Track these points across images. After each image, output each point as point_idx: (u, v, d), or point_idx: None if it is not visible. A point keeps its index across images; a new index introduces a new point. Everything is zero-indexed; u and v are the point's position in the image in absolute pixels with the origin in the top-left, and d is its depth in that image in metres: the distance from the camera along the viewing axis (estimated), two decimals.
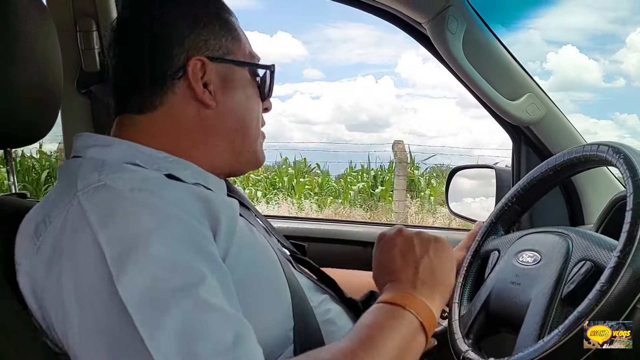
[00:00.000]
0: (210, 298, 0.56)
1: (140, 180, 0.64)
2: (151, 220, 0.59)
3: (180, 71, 0.74)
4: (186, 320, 0.53)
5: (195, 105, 0.76)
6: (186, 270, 0.57)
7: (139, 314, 0.53)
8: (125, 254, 0.56)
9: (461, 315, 0.96)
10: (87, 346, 0.56)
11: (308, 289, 0.78)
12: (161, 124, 0.75)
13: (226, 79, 0.78)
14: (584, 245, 0.82)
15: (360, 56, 25.17)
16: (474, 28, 1.24)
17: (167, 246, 0.57)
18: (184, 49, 0.75)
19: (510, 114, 1.32)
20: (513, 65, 1.31)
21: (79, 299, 0.56)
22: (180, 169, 0.73)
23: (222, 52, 0.78)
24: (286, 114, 14.98)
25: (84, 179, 0.64)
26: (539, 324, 0.77)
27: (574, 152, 0.90)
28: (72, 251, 0.58)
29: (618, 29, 25.71)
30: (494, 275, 0.95)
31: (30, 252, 0.62)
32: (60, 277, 0.58)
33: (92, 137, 0.74)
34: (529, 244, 0.92)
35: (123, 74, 0.77)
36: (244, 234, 0.71)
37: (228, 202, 0.72)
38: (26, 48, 0.74)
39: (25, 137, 0.82)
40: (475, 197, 1.61)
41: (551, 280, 0.81)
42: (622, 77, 20.59)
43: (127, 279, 0.54)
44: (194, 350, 0.52)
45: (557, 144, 1.36)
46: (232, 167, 0.82)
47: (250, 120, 0.81)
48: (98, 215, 0.59)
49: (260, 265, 0.71)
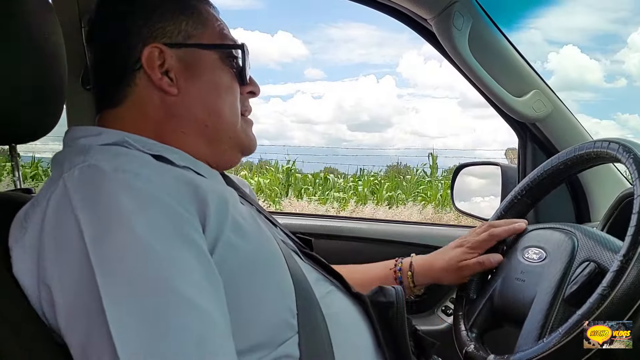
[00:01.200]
0: (184, 289, 0.55)
1: (126, 161, 0.64)
2: (132, 203, 0.58)
3: (138, 62, 0.75)
4: (154, 309, 0.54)
5: (159, 94, 0.76)
6: (162, 256, 0.56)
7: (109, 298, 0.53)
8: (102, 235, 0.56)
9: (466, 309, 0.96)
10: (68, 326, 0.57)
11: (315, 281, 0.77)
12: (131, 115, 0.76)
13: (189, 64, 0.77)
14: (589, 245, 0.82)
15: (362, 56, 25.14)
16: (480, 24, 1.24)
17: (144, 230, 0.57)
18: (140, 39, 0.75)
19: (516, 110, 1.31)
20: (519, 62, 1.30)
21: (61, 280, 0.57)
22: (170, 153, 0.72)
23: (182, 37, 0.77)
24: (287, 113, 14.98)
25: (69, 162, 0.65)
26: (540, 323, 0.78)
27: (585, 147, 0.90)
28: (55, 231, 0.59)
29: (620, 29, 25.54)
30: (500, 269, 0.95)
31: (19, 236, 0.62)
32: (45, 258, 0.59)
33: (83, 128, 0.75)
34: (535, 240, 0.92)
35: (95, 71, 0.80)
36: (245, 220, 0.70)
37: (219, 188, 0.72)
38: (31, 44, 0.74)
39: (30, 133, 0.82)
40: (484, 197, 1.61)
41: (555, 280, 0.81)
42: (624, 77, 20.46)
43: (102, 261, 0.55)
44: (157, 342, 0.52)
45: (563, 140, 1.35)
46: (215, 155, 0.80)
47: (222, 104, 0.79)
48: (80, 195, 0.59)
49: (260, 252, 0.70)
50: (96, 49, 0.79)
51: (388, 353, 0.78)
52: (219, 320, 0.58)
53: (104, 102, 0.78)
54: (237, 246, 0.66)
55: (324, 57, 23.94)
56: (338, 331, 0.73)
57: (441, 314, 1.51)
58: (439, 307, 1.53)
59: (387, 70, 26.43)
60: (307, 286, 0.74)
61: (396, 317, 0.81)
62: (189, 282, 0.57)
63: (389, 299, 0.83)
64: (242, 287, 0.65)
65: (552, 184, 1.01)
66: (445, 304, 1.52)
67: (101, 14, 0.80)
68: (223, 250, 0.64)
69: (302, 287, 0.72)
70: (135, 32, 0.75)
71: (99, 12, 0.80)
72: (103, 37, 0.78)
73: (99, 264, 0.55)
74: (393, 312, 0.81)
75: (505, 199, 1.06)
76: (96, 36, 0.80)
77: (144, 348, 0.52)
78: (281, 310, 0.69)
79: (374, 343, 0.79)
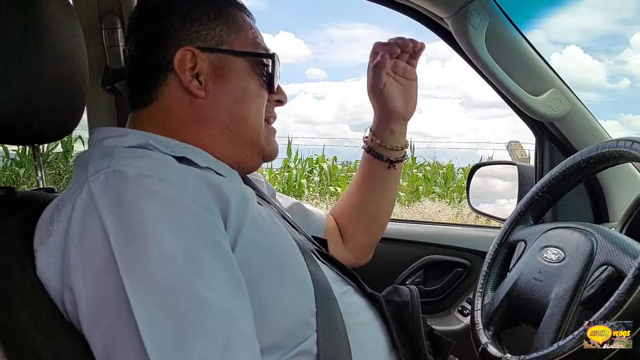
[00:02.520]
0: (209, 293, 0.57)
1: (150, 166, 0.65)
2: (156, 208, 0.59)
3: (171, 63, 0.76)
4: (180, 313, 0.55)
5: (187, 96, 0.78)
6: (187, 260, 0.58)
7: (136, 301, 0.54)
8: (129, 240, 0.57)
9: (484, 305, 0.96)
10: (90, 328, 0.58)
11: (331, 280, 0.78)
12: (159, 115, 0.78)
13: (220, 69, 0.78)
14: (609, 248, 0.81)
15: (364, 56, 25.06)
16: (497, 23, 1.23)
17: (169, 234, 0.58)
18: (175, 41, 0.77)
19: (534, 109, 1.30)
20: (537, 60, 1.29)
21: (85, 282, 0.58)
22: (192, 153, 0.74)
23: (215, 43, 0.78)
24: (290, 114, 14.93)
25: (94, 165, 0.66)
26: (556, 326, 0.77)
27: (607, 146, 0.89)
28: (81, 235, 0.60)
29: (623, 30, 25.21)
30: (518, 267, 0.95)
31: (45, 239, 0.63)
32: (69, 261, 0.60)
33: (108, 129, 0.77)
34: (554, 240, 0.92)
35: (130, 70, 0.82)
36: (264, 220, 0.71)
37: (239, 187, 0.73)
38: (53, 46, 0.75)
39: (52, 134, 0.83)
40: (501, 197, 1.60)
41: (572, 282, 0.80)
42: (627, 78, 20.18)
43: (128, 266, 0.56)
44: (184, 346, 0.53)
45: (581, 140, 1.34)
46: (237, 159, 0.82)
47: (248, 111, 0.81)
48: (105, 201, 0.60)
49: (280, 251, 0.71)
50: (132, 47, 0.81)
51: (404, 352, 0.78)
52: (244, 322, 0.59)
53: (136, 101, 0.80)
54: (257, 244, 0.67)
55: (326, 58, 23.97)
56: (354, 330, 0.74)
57: (458, 315, 1.50)
58: (456, 308, 1.52)
59: None
60: (326, 285, 0.75)
61: (411, 317, 0.81)
62: (214, 285, 0.58)
63: (404, 299, 0.83)
64: (263, 286, 0.66)
65: (574, 181, 1.00)
66: (462, 304, 1.51)
67: (140, 13, 0.82)
68: (243, 250, 0.65)
69: (321, 286, 0.73)
70: (171, 34, 0.77)
71: (138, 10, 0.82)
72: (140, 35, 0.80)
73: (125, 268, 0.56)
74: (408, 311, 0.82)
75: (526, 195, 1.05)
76: (134, 34, 0.81)
77: (171, 350, 0.53)
78: (301, 309, 0.69)
79: (389, 342, 0.79)
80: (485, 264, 1.02)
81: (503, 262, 1.02)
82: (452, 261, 1.49)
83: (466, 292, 1.50)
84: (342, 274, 0.84)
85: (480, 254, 1.14)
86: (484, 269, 1.02)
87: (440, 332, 0.88)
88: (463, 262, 1.50)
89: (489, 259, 1.02)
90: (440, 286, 1.52)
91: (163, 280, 0.56)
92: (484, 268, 1.02)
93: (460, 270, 1.50)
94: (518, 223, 1.04)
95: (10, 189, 0.74)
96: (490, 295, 0.98)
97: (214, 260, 0.60)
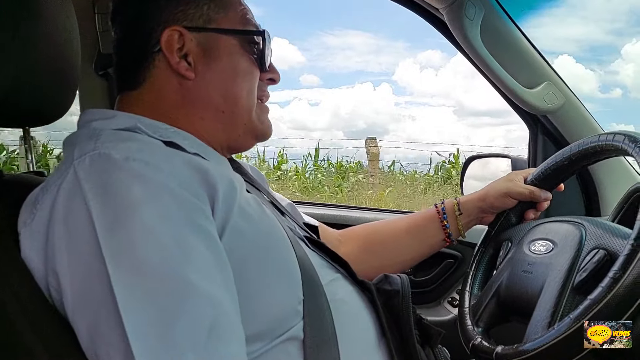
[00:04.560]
0: (194, 277, 0.56)
1: (136, 149, 0.64)
2: (142, 192, 0.59)
3: (158, 44, 0.75)
4: (165, 297, 0.54)
5: (177, 77, 0.76)
6: (173, 245, 0.57)
7: (121, 286, 0.54)
8: (113, 224, 0.56)
9: (471, 304, 0.96)
10: (75, 312, 0.58)
11: (320, 267, 0.78)
12: (148, 98, 0.77)
13: (208, 48, 0.77)
14: (598, 233, 0.81)
15: (359, 64, 25.06)
16: (492, 14, 1.23)
17: (155, 219, 0.57)
18: (162, 21, 0.75)
19: (528, 102, 1.31)
20: (531, 53, 1.29)
21: (70, 267, 0.57)
22: (181, 138, 0.73)
23: (202, 21, 0.77)
24: (284, 120, 14.81)
25: (80, 148, 0.65)
26: (550, 312, 0.77)
27: (589, 142, 0.90)
28: (66, 219, 0.59)
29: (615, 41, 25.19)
30: (505, 264, 0.95)
31: (29, 221, 0.62)
32: (54, 245, 0.59)
33: (96, 111, 0.75)
34: (542, 233, 0.92)
35: (117, 53, 0.80)
36: (251, 207, 0.70)
37: (228, 174, 0.72)
38: (45, 29, 0.74)
39: (43, 117, 0.83)
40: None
41: (563, 269, 0.80)
42: (619, 88, 20.23)
43: (113, 250, 0.55)
44: (169, 330, 0.53)
45: (574, 133, 1.34)
46: (229, 140, 0.81)
47: (239, 90, 0.79)
48: (91, 184, 0.59)
49: (268, 239, 0.70)
50: (118, 29, 0.79)
51: (392, 341, 0.78)
52: (230, 307, 0.59)
53: (124, 84, 0.79)
54: (244, 232, 0.66)
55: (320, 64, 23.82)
56: (342, 318, 0.74)
57: (447, 305, 1.52)
58: (446, 298, 1.53)
59: (383, 78, 26.30)
60: (313, 273, 0.74)
61: (401, 306, 0.81)
62: (200, 270, 0.57)
63: (394, 287, 0.83)
64: (250, 275, 0.65)
65: (557, 180, 1.02)
66: (452, 295, 1.52)
67: None
68: (231, 236, 0.64)
69: (308, 274, 0.73)
70: (157, 14, 0.75)
71: None
72: (125, 17, 0.79)
73: (109, 252, 0.55)
74: (398, 300, 0.82)
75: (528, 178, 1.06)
76: (118, 16, 0.80)
77: (156, 334, 0.53)
78: (289, 298, 0.69)
79: (378, 331, 0.79)
80: (471, 265, 1.03)
81: (488, 262, 1.03)
82: (442, 252, 1.49)
83: (456, 284, 1.52)
84: (331, 261, 0.83)
85: (470, 246, 1.14)
86: (469, 270, 1.02)
87: (430, 322, 0.88)
88: (454, 254, 1.51)
89: (474, 261, 1.03)
90: (430, 277, 1.53)
91: (149, 264, 0.55)
92: (469, 269, 1.02)
93: (450, 262, 1.52)
94: (502, 224, 1.05)
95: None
96: (477, 294, 0.98)
97: (199, 245, 0.59)
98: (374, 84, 25.66)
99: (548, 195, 1.04)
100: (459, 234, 1.10)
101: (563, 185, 1.06)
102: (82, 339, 0.57)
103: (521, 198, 1.04)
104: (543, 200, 1.04)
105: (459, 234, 1.10)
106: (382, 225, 1.16)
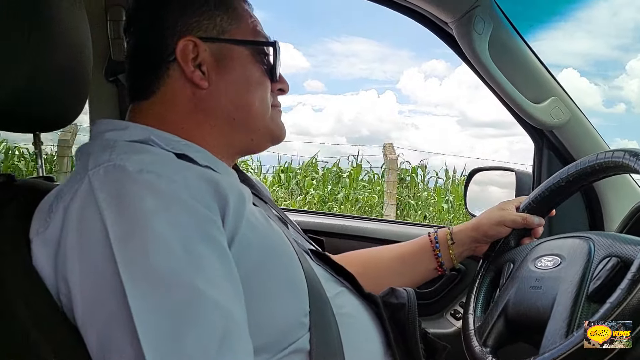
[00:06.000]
0: (206, 288, 0.57)
1: (150, 162, 0.65)
2: (155, 203, 0.60)
3: (173, 54, 0.76)
4: (177, 307, 0.55)
5: (190, 86, 0.77)
6: (185, 255, 0.58)
7: (134, 295, 0.54)
8: (127, 235, 0.57)
9: (477, 327, 0.95)
10: (85, 321, 0.58)
11: (325, 280, 0.78)
12: (160, 108, 0.77)
13: (222, 58, 0.78)
14: (607, 243, 0.81)
15: (363, 71, 25.15)
16: (501, 29, 1.23)
17: (167, 230, 0.58)
18: (176, 31, 0.76)
19: (534, 117, 1.31)
20: (539, 68, 1.30)
21: (82, 275, 0.58)
22: (193, 151, 0.74)
23: (216, 32, 0.78)
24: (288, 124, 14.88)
25: (95, 158, 0.66)
26: (566, 322, 0.76)
27: (587, 161, 0.89)
28: (79, 228, 0.60)
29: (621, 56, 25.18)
30: (511, 283, 0.94)
31: (42, 229, 0.63)
32: (66, 253, 0.60)
33: (109, 122, 0.76)
34: (546, 250, 0.92)
35: (130, 62, 0.81)
36: (258, 220, 0.71)
37: (237, 185, 0.73)
38: (58, 35, 0.75)
39: (54, 122, 0.83)
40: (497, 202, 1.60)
41: (575, 280, 0.79)
42: (623, 103, 20.25)
43: (126, 260, 0.56)
44: (180, 339, 0.54)
45: (580, 149, 1.34)
46: (241, 145, 0.83)
47: (252, 99, 0.80)
48: (105, 195, 0.60)
49: (274, 251, 0.71)
50: (132, 38, 0.81)
51: (398, 354, 0.78)
52: (240, 318, 0.59)
53: (136, 93, 0.80)
54: (252, 244, 0.67)
55: (325, 70, 23.81)
56: (348, 331, 0.74)
57: (450, 318, 1.51)
58: (449, 311, 1.53)
59: (388, 86, 26.34)
60: (318, 285, 0.75)
61: (408, 319, 0.81)
62: (211, 280, 0.58)
63: (400, 301, 0.83)
64: (257, 286, 0.66)
65: (555, 202, 1.02)
66: (455, 307, 1.52)
67: (139, 4, 0.81)
68: (239, 248, 0.65)
69: (314, 287, 0.73)
70: (171, 24, 0.77)
71: (137, 1, 0.82)
72: (139, 27, 0.80)
73: (123, 261, 0.56)
74: (405, 313, 0.82)
75: (523, 203, 1.06)
76: (133, 26, 0.81)
77: (167, 344, 0.53)
78: (294, 309, 0.69)
79: (384, 344, 0.79)
80: (472, 288, 1.02)
81: (489, 285, 1.03)
82: None
83: (459, 296, 1.51)
84: (336, 274, 0.84)
85: (474, 259, 1.14)
86: (471, 294, 1.02)
87: (433, 335, 0.88)
88: (457, 266, 1.51)
89: (475, 283, 1.02)
90: (433, 289, 1.52)
91: (161, 274, 0.56)
92: (471, 292, 1.02)
93: (454, 274, 1.51)
94: (501, 248, 1.05)
95: (10, 176, 0.74)
96: (481, 316, 0.97)
97: (211, 256, 0.60)
98: (378, 91, 25.78)
99: (541, 221, 1.05)
100: (451, 264, 1.10)
101: (555, 211, 1.06)
102: (91, 347, 0.58)
103: (515, 226, 1.04)
104: (537, 226, 1.04)
105: (451, 264, 1.10)
106: (376, 252, 1.16)
